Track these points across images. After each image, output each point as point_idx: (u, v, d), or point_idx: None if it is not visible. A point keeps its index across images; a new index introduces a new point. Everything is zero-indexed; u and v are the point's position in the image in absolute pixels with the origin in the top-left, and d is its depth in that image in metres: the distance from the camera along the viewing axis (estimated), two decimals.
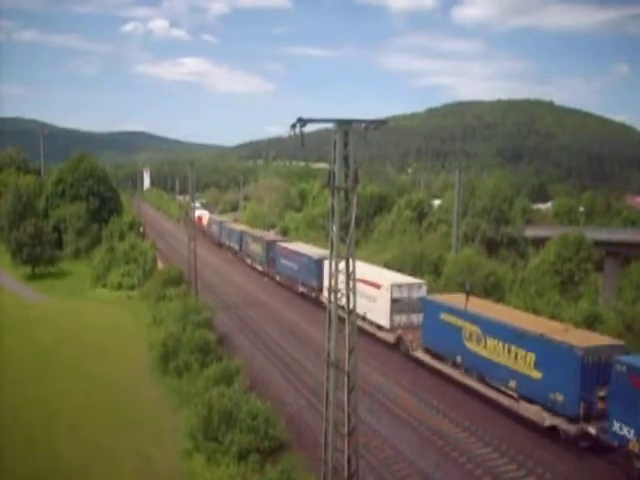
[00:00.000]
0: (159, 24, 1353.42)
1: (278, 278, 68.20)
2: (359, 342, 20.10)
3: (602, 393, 26.34)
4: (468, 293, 36.70)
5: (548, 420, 28.17)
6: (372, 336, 44.03)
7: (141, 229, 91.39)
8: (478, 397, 33.56)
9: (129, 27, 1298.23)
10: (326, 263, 37.83)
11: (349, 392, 19.43)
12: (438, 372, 37.25)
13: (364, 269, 41.70)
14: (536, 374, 29.21)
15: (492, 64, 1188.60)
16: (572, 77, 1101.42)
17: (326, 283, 22.15)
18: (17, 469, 26.63)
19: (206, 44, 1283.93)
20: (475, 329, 33.76)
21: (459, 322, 35.09)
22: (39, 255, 75.56)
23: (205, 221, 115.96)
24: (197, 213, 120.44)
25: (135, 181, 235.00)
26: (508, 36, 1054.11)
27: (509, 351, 31.04)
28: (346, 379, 19.37)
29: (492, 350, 32.36)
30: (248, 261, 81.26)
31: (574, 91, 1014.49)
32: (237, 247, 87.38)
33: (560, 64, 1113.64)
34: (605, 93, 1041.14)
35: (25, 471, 26.62)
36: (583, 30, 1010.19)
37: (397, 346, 42.04)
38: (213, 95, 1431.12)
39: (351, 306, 19.27)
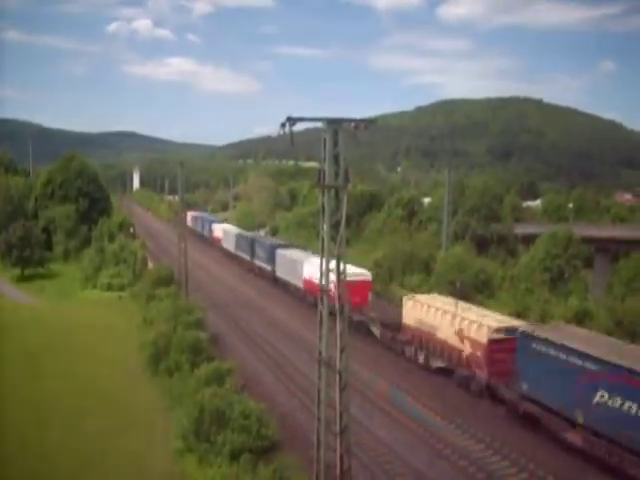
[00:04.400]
0: (143, 24, 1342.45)
1: None
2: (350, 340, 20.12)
3: None
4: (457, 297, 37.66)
5: None
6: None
7: (131, 229, 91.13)
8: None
9: (113, 27, 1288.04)
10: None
11: (341, 390, 19.45)
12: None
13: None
14: None
15: (479, 62, 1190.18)
16: (559, 75, 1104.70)
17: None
18: (9, 473, 26.43)
19: (191, 44, 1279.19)
20: None
21: None
22: (28, 257, 75.27)
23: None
24: (287, 255, 63.83)
25: (125, 181, 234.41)
26: (494, 34, 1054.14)
27: None
28: (338, 378, 19.40)
29: None
30: None
31: (561, 89, 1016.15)
32: None
33: (546, 62, 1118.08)
34: (592, 91, 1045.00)
35: (17, 474, 26.44)
36: (567, 28, 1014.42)
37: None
38: (201, 95, 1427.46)
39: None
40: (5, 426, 30.74)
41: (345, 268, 19.62)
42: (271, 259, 67.01)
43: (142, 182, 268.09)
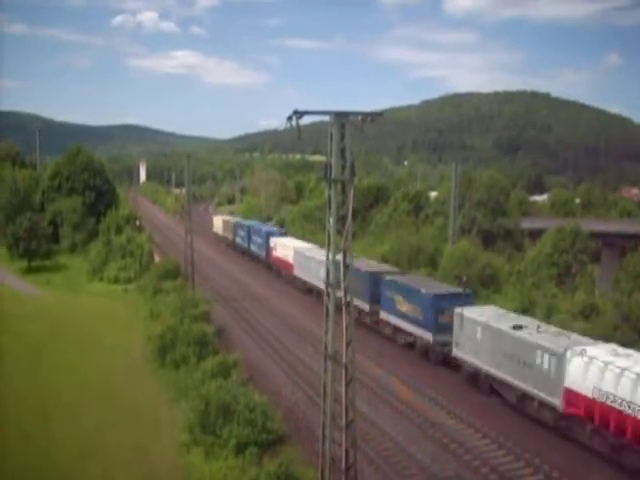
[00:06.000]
0: (148, 17, 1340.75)
1: None
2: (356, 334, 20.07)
3: None
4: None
5: None
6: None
7: (137, 222, 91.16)
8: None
9: (119, 20, 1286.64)
10: None
11: (347, 384, 19.43)
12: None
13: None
14: None
15: (485, 56, 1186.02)
16: (565, 68, 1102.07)
17: None
18: (12, 465, 26.39)
19: (196, 37, 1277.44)
20: None
21: None
22: (35, 249, 75.38)
23: None
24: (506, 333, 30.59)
25: (131, 174, 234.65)
26: (500, 27, 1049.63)
27: None
28: (344, 371, 19.38)
29: None
30: None
31: (568, 82, 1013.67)
32: None
33: (552, 55, 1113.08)
34: (598, 84, 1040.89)
35: (20, 467, 26.42)
36: (572, 21, 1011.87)
37: None
38: (206, 88, 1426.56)
39: (348, 299, 19.29)
40: (9, 417, 30.65)
41: (352, 261, 19.56)
42: (440, 325, 36.62)
43: (148, 175, 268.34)
